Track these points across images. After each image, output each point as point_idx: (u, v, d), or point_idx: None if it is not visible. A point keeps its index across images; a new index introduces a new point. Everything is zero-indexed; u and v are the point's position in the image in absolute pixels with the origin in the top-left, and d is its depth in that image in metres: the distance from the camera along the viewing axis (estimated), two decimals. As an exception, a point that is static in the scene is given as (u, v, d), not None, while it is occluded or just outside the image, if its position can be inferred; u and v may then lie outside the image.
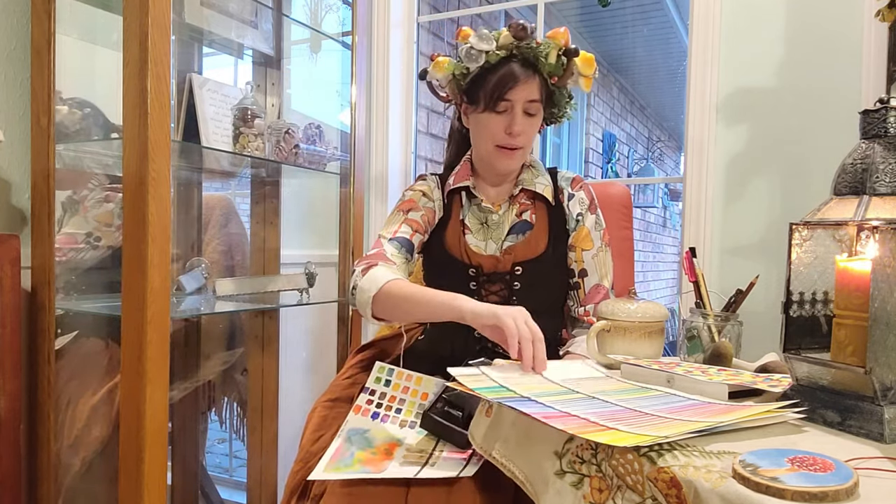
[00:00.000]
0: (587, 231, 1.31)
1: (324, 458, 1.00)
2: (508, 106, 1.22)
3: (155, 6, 1.03)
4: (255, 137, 1.37)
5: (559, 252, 1.29)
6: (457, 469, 0.94)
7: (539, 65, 1.22)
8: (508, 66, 1.21)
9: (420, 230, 1.29)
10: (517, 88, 1.20)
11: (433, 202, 1.34)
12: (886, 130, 0.76)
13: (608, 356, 1.02)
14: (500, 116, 1.23)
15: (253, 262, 1.72)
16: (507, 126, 1.22)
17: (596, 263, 1.30)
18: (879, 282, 0.69)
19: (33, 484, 1.23)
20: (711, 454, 0.63)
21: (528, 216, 1.30)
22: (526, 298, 1.25)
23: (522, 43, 1.21)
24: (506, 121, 1.22)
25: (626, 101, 6.83)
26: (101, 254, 1.34)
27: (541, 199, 1.31)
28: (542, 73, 1.23)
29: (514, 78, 1.20)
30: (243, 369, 1.72)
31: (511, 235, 1.28)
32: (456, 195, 1.34)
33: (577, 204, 1.32)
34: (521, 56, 1.21)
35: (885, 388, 0.69)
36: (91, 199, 1.35)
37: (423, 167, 2.50)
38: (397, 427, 1.09)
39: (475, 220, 1.31)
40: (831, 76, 1.49)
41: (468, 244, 1.28)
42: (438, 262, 1.31)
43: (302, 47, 1.77)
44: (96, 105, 1.30)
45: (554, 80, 1.25)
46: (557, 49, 1.21)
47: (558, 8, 4.21)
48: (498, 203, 1.32)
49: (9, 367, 1.11)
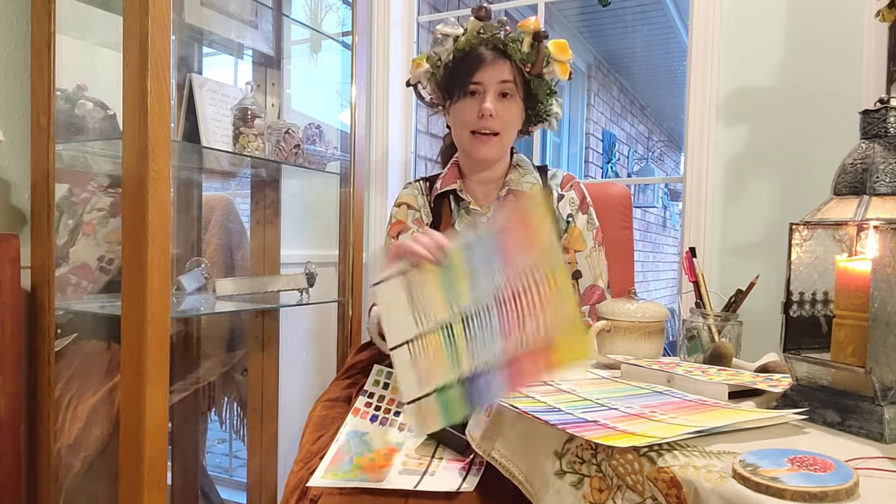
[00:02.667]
0: (579, 231, 1.30)
1: (322, 463, 1.00)
2: (480, 89, 1.23)
3: (155, 6, 1.03)
4: (255, 137, 1.37)
5: None
6: (456, 480, 0.94)
7: (509, 50, 1.23)
8: (478, 51, 1.23)
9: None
10: (486, 70, 1.22)
11: (419, 210, 1.34)
12: (886, 130, 0.76)
13: (608, 356, 1.02)
14: (473, 101, 1.24)
15: (253, 262, 1.72)
16: (479, 107, 1.22)
17: (590, 264, 1.30)
18: (879, 282, 0.69)
19: (33, 484, 1.23)
20: (711, 454, 0.63)
21: None
22: None
23: (485, 27, 1.23)
24: (478, 103, 1.23)
25: (626, 101, 6.83)
26: (112, 276, 1.35)
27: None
28: (514, 60, 1.23)
29: (482, 60, 1.22)
30: (243, 369, 1.72)
31: None
32: (444, 199, 1.34)
33: (566, 204, 1.31)
34: (492, 43, 1.24)
35: (885, 388, 0.69)
36: (92, 207, 1.35)
37: (423, 167, 2.50)
38: (396, 430, 1.09)
39: (465, 226, 1.31)
40: (831, 76, 1.49)
41: None
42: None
43: (302, 47, 1.77)
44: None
45: (528, 68, 1.25)
46: (529, 36, 1.22)
47: (558, 8, 4.21)
48: (486, 205, 1.31)
49: (9, 367, 1.11)
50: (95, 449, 1.28)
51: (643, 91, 7.02)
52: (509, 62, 1.23)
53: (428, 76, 1.31)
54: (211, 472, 2.04)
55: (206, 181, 1.72)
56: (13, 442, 1.13)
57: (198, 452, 1.76)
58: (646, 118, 7.75)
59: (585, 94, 5.46)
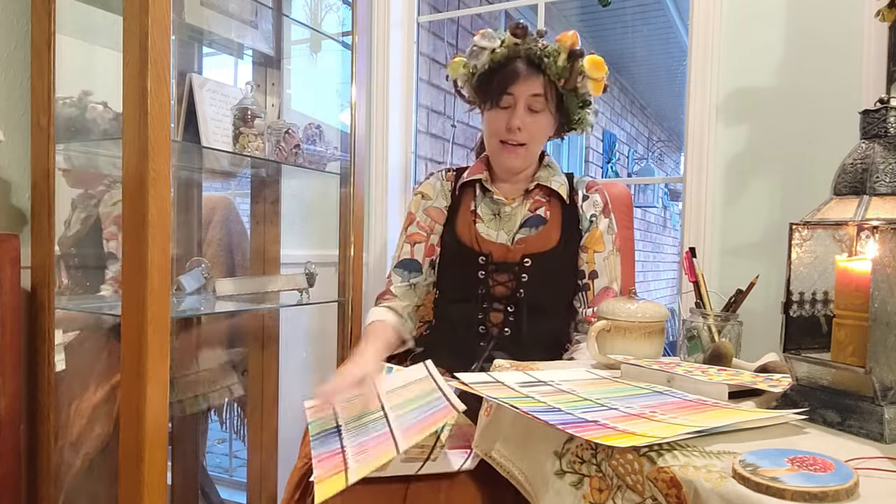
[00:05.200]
0: (600, 233, 1.32)
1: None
2: (511, 101, 1.25)
3: (155, 6, 1.03)
4: (255, 137, 1.37)
5: (570, 250, 1.30)
6: (458, 462, 0.94)
7: (543, 65, 1.24)
8: (513, 64, 1.25)
9: (422, 239, 1.36)
10: (519, 83, 1.24)
11: (432, 199, 1.38)
12: (886, 130, 0.76)
13: (608, 356, 1.02)
14: (504, 112, 1.26)
15: (253, 262, 1.71)
16: (508, 120, 1.25)
17: (607, 266, 1.31)
18: (879, 282, 0.69)
19: (33, 484, 1.23)
20: (711, 454, 0.63)
21: (542, 212, 1.32)
22: (533, 292, 1.27)
23: (521, 41, 1.25)
24: (508, 116, 1.26)
25: (626, 101, 6.83)
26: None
27: (556, 197, 1.33)
28: (548, 74, 1.25)
29: (516, 73, 1.24)
30: (243, 369, 1.72)
31: (524, 228, 1.30)
32: (469, 188, 1.37)
33: (591, 206, 1.34)
34: (526, 56, 1.25)
35: (885, 388, 0.69)
36: (110, 199, 1.36)
37: (423, 167, 2.50)
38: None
39: (487, 211, 1.34)
40: (831, 76, 1.49)
41: (479, 232, 1.30)
42: (451, 251, 1.34)
43: (302, 47, 1.77)
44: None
45: (562, 83, 1.26)
46: (566, 52, 1.23)
47: (558, 8, 4.21)
48: (512, 197, 1.33)
49: (9, 367, 1.11)
50: (96, 447, 1.28)
51: (643, 91, 7.02)
52: (542, 76, 1.25)
53: (465, 78, 1.34)
54: (211, 472, 2.04)
55: (206, 181, 1.72)
56: (13, 442, 1.13)
57: (198, 452, 1.76)
58: (646, 118, 7.75)
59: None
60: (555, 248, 1.28)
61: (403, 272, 1.35)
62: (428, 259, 1.36)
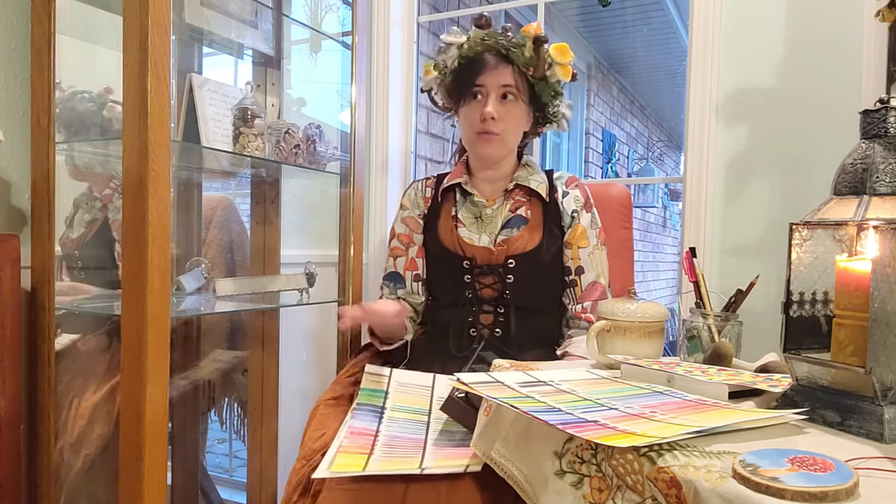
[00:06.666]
0: (583, 228, 1.33)
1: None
2: (482, 91, 1.28)
3: (155, 6, 1.03)
4: (255, 137, 1.37)
5: (553, 248, 1.31)
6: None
7: (511, 55, 1.27)
8: (481, 56, 1.29)
9: (401, 252, 1.40)
10: (487, 73, 1.27)
11: (409, 209, 1.42)
12: (886, 130, 0.76)
13: (608, 356, 1.02)
14: (477, 104, 1.29)
15: (253, 262, 1.71)
16: (482, 110, 1.27)
17: (592, 261, 1.32)
18: (879, 282, 0.69)
19: (33, 484, 1.23)
20: (711, 454, 0.63)
21: (523, 211, 1.32)
22: (519, 292, 1.27)
23: (486, 31, 1.29)
24: (481, 106, 1.28)
25: (626, 101, 6.83)
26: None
27: (536, 196, 1.33)
28: (517, 64, 1.28)
29: (485, 64, 1.28)
30: (243, 370, 1.72)
31: (505, 230, 1.31)
32: (450, 193, 1.38)
33: (571, 201, 1.34)
34: (494, 48, 1.28)
35: (885, 388, 0.69)
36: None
37: (423, 167, 2.50)
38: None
39: (469, 215, 1.35)
40: (831, 76, 1.49)
41: (461, 237, 1.31)
42: (435, 256, 1.35)
43: (302, 47, 1.77)
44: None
45: (531, 72, 1.29)
46: (531, 41, 1.27)
47: (558, 8, 4.21)
48: (492, 198, 1.34)
49: (9, 367, 1.11)
50: (96, 447, 1.28)
51: (643, 91, 7.02)
52: (511, 66, 1.28)
53: (437, 82, 1.38)
54: (211, 472, 2.04)
55: (206, 181, 1.72)
56: (13, 442, 1.13)
57: (198, 452, 1.76)
58: (646, 118, 7.75)
59: (585, 94, 5.46)
60: (537, 247, 1.29)
61: (390, 284, 1.41)
62: (409, 273, 1.39)
